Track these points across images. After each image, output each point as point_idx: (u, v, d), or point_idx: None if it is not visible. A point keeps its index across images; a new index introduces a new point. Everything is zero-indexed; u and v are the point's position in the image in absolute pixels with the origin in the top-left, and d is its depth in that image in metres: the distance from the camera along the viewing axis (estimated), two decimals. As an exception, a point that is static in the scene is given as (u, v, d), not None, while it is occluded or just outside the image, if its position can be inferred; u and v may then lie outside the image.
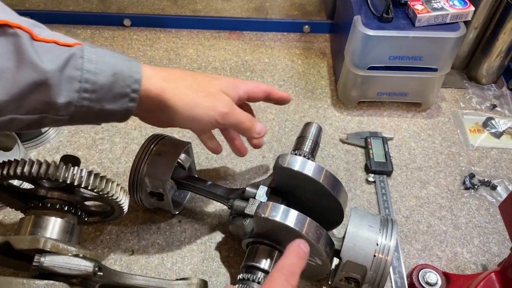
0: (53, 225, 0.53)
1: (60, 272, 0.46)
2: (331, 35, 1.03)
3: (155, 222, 0.69)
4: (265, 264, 0.54)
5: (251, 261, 0.54)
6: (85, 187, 0.52)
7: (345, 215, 0.60)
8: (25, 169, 0.50)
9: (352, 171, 0.77)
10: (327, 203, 0.58)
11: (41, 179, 0.53)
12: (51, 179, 0.51)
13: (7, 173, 0.51)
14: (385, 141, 0.79)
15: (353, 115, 0.86)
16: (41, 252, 0.47)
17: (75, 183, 0.52)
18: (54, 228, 0.53)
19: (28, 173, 0.50)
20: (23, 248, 0.48)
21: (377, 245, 0.53)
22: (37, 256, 0.46)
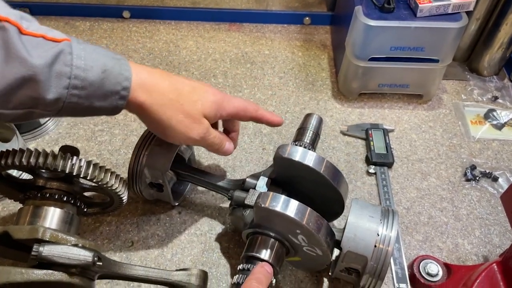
0: (52, 215, 0.53)
1: (59, 261, 0.45)
2: (331, 27, 1.02)
3: (155, 213, 0.68)
4: (265, 254, 0.53)
5: (251, 251, 0.54)
6: (84, 177, 0.52)
7: (346, 206, 0.59)
8: (23, 159, 0.50)
9: (352, 163, 0.77)
10: (328, 194, 0.58)
11: (39, 169, 0.53)
12: (50, 169, 0.50)
13: (5, 163, 0.50)
14: (386, 133, 0.79)
15: (354, 107, 0.86)
16: (40, 241, 0.46)
17: (74, 173, 0.51)
18: (53, 218, 0.53)
19: (26, 162, 0.50)
20: (22, 238, 0.47)
21: (378, 235, 0.52)
22: (35, 245, 0.45)
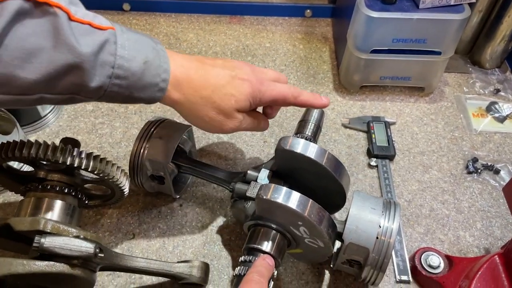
0: (53, 207, 0.53)
1: (60, 253, 0.45)
2: (333, 20, 1.02)
3: (156, 206, 0.68)
4: (267, 246, 0.53)
5: (252, 243, 0.54)
6: (85, 168, 0.52)
7: (347, 199, 0.59)
8: (24, 151, 0.50)
9: (354, 156, 0.76)
10: (329, 186, 0.57)
11: (40, 161, 0.53)
12: (51, 160, 0.50)
13: (6, 154, 0.50)
14: (387, 126, 0.79)
15: (355, 99, 0.86)
16: (41, 233, 0.46)
17: (75, 165, 0.51)
18: (54, 210, 0.53)
19: (27, 154, 0.49)
20: (23, 229, 0.47)
21: (380, 227, 0.52)
22: (37, 237, 0.45)
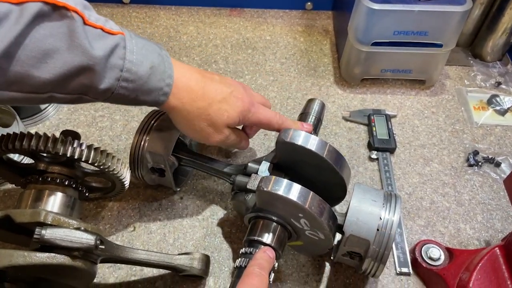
0: (53, 199, 0.53)
1: (61, 244, 0.45)
2: (333, 12, 1.01)
3: (157, 198, 0.68)
4: (267, 238, 0.53)
5: (253, 235, 0.54)
6: (85, 160, 0.52)
7: (348, 191, 0.59)
8: (24, 142, 0.50)
9: (354, 149, 0.76)
10: (330, 178, 0.57)
11: (40, 153, 0.52)
12: (51, 152, 0.50)
13: (6, 146, 0.50)
14: (388, 119, 0.78)
15: (356, 92, 0.85)
16: (42, 225, 0.46)
17: (75, 157, 0.51)
18: (54, 202, 0.53)
19: (27, 146, 0.49)
20: (24, 221, 0.47)
21: (381, 219, 0.52)
22: (38, 228, 0.45)
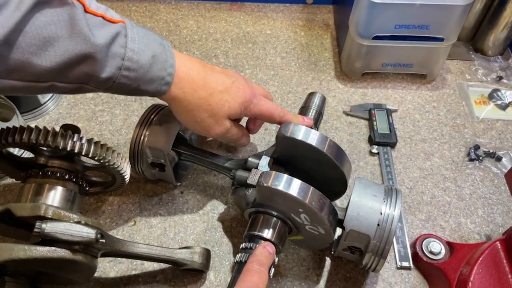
0: (54, 193, 0.52)
1: (62, 238, 0.45)
2: (334, 6, 1.01)
3: (157, 193, 0.68)
4: (268, 233, 0.53)
5: (253, 230, 0.54)
6: (85, 154, 0.51)
7: (349, 186, 0.59)
8: (24, 136, 0.49)
9: (355, 143, 0.76)
10: (331, 173, 0.57)
11: (41, 147, 0.52)
12: (51, 146, 0.50)
13: (6, 140, 0.50)
14: (389, 113, 0.78)
15: (357, 87, 0.85)
16: (42, 219, 0.46)
17: (75, 151, 0.51)
18: (55, 196, 0.52)
19: (27, 140, 0.49)
20: (24, 215, 0.47)
21: (381, 214, 0.52)
22: (38, 222, 0.45)
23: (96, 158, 0.52)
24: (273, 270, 0.51)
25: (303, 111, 0.66)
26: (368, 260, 0.53)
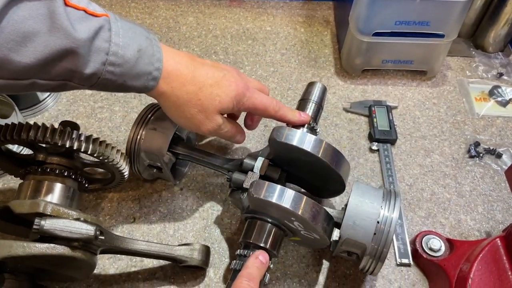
0: (53, 190, 0.52)
1: (61, 235, 0.45)
2: (334, 3, 1.00)
3: (157, 190, 0.68)
4: (262, 240, 0.53)
5: (248, 238, 0.54)
6: (84, 151, 0.51)
7: (348, 183, 0.59)
8: (23, 133, 0.49)
9: (355, 140, 0.76)
10: (328, 174, 0.56)
11: (39, 144, 0.52)
12: (50, 143, 0.50)
13: (4, 137, 0.50)
14: (389, 110, 0.78)
15: (357, 83, 0.85)
16: (41, 216, 0.46)
17: (74, 147, 0.51)
18: (54, 193, 0.52)
19: (26, 136, 0.49)
20: (23, 212, 0.47)
21: (378, 223, 0.51)
22: (37, 219, 0.45)
23: (95, 155, 0.52)
24: (268, 276, 0.51)
25: (302, 104, 0.64)
26: (365, 263, 0.53)
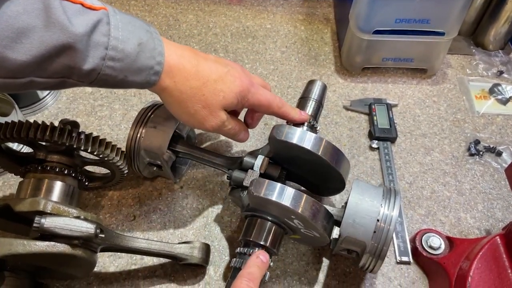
0: (53, 188, 0.52)
1: (61, 233, 0.45)
2: (334, 1, 1.00)
3: (157, 188, 0.68)
4: (262, 238, 0.53)
5: (248, 236, 0.54)
6: (84, 149, 0.51)
7: (348, 181, 0.59)
8: (23, 131, 0.49)
9: (355, 138, 0.76)
10: (328, 172, 0.56)
11: (39, 142, 0.52)
12: (50, 141, 0.50)
13: (4, 135, 0.50)
14: (389, 108, 0.78)
15: (357, 81, 0.85)
16: (41, 214, 0.46)
17: (74, 145, 0.51)
18: (54, 191, 0.52)
19: (26, 134, 0.49)
20: (23, 210, 0.47)
21: (378, 221, 0.51)
22: (37, 217, 0.45)
23: (95, 153, 0.52)
24: (268, 274, 0.51)
25: (302, 102, 0.63)
26: (365, 261, 0.53)
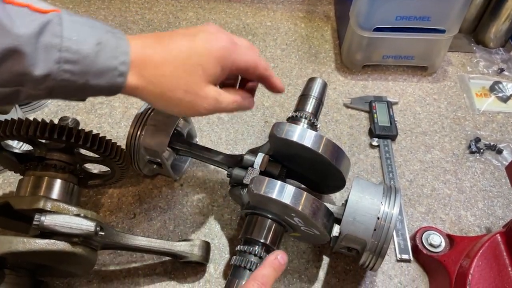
0: (53, 186, 0.52)
1: (61, 231, 0.45)
2: (335, -2, 1.00)
3: (157, 186, 0.68)
4: (263, 236, 0.53)
5: (249, 234, 0.54)
6: (84, 147, 0.51)
7: (348, 179, 0.59)
8: (23, 128, 0.49)
9: (355, 136, 0.76)
10: (328, 170, 0.56)
11: (39, 139, 0.52)
12: (50, 138, 0.50)
13: (4, 132, 0.50)
14: (389, 105, 0.78)
15: (357, 79, 0.84)
16: (41, 211, 0.46)
17: (74, 143, 0.50)
18: (54, 188, 0.52)
19: (26, 132, 0.49)
20: (23, 208, 0.47)
21: (378, 219, 0.51)
22: (37, 215, 0.45)
23: (95, 151, 0.52)
24: None
25: (302, 99, 0.63)
26: (365, 259, 0.53)
